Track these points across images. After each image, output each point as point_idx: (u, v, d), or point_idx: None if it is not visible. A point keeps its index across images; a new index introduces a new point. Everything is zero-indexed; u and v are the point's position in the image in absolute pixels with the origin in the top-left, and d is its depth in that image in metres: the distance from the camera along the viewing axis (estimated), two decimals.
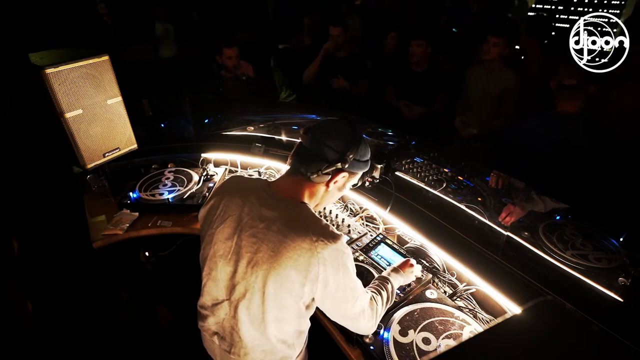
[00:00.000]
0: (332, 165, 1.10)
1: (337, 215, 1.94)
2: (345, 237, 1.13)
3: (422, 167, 2.03)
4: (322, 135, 1.11)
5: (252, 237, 1.08)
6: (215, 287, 1.15)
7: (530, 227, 1.56)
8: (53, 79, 1.75)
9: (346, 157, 1.10)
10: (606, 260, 1.38)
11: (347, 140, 1.11)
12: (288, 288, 1.05)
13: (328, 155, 1.10)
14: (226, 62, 3.18)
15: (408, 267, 1.49)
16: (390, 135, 2.41)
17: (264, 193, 1.15)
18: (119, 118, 2.06)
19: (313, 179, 1.11)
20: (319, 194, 1.18)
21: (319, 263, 1.02)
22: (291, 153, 1.17)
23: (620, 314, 1.22)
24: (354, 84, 3.39)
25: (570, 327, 0.57)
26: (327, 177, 1.13)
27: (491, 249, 1.52)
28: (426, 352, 1.25)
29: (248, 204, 1.13)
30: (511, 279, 1.40)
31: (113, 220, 2.01)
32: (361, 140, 1.14)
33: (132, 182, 2.25)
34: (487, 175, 1.97)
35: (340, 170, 1.13)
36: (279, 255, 1.03)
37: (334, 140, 1.10)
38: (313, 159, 1.10)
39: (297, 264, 1.02)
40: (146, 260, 2.37)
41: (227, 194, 1.19)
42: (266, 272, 1.05)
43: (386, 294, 1.31)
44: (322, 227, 1.07)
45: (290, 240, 1.03)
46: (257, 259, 1.06)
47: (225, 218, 1.14)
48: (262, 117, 2.85)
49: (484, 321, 1.40)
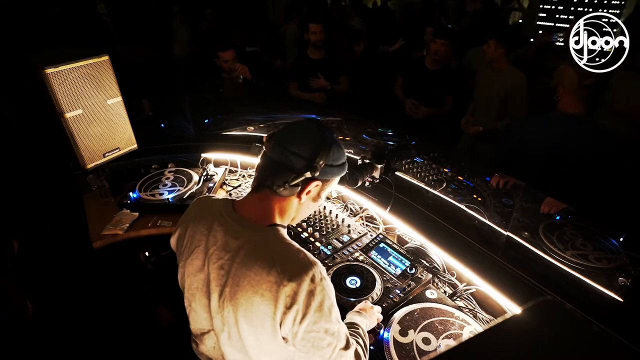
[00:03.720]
0: (301, 174, 0.97)
1: (337, 215, 1.94)
2: (321, 265, 0.96)
3: (422, 167, 2.03)
4: (286, 141, 0.97)
5: (219, 270, 0.97)
6: (198, 317, 1.07)
7: (530, 227, 1.57)
8: (53, 79, 1.75)
9: (315, 164, 0.97)
10: (606, 260, 1.38)
11: (315, 144, 0.97)
12: (260, 324, 0.93)
13: (295, 163, 0.96)
14: (222, 65, 3.20)
15: (369, 308, 1.32)
16: (390, 135, 2.42)
17: (228, 218, 1.02)
18: (119, 118, 2.06)
19: (281, 192, 0.98)
20: (292, 208, 1.05)
21: (286, 299, 0.89)
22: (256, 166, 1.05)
23: (620, 314, 1.22)
24: (334, 82, 3.40)
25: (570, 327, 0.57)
26: (297, 188, 1.00)
27: (491, 249, 1.52)
28: (426, 352, 1.25)
29: (212, 233, 1.01)
30: (511, 279, 1.40)
31: (113, 220, 2.01)
32: (332, 143, 1.01)
33: (132, 182, 2.25)
34: (487, 175, 1.97)
35: (311, 180, 0.99)
36: (245, 290, 0.92)
37: (300, 145, 0.96)
38: (278, 169, 0.97)
39: (263, 299, 0.90)
40: (146, 260, 2.37)
41: (191, 222, 1.08)
42: (235, 308, 0.94)
43: (362, 341, 1.15)
44: (291, 256, 0.94)
45: (254, 274, 0.91)
46: (226, 293, 0.95)
47: (192, 249, 1.03)
48: (262, 117, 2.85)
49: (484, 321, 1.40)
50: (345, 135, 2.47)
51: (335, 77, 3.42)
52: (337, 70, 3.44)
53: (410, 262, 1.61)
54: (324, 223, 1.89)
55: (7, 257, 2.21)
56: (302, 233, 1.84)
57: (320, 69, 3.39)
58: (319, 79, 3.38)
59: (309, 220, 1.92)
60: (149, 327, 2.46)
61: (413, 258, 1.63)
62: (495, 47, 2.77)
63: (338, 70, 3.44)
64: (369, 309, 1.33)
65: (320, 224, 1.88)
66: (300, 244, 1.74)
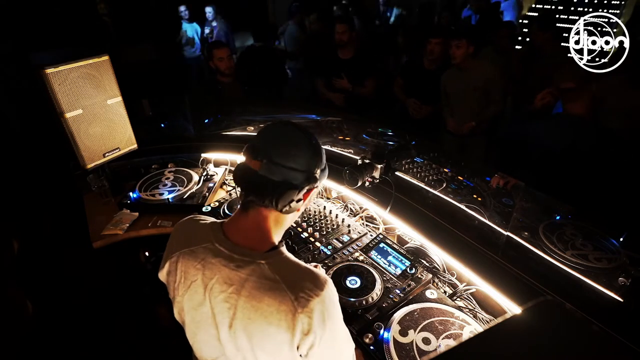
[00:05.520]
0: (302, 188, 0.94)
1: (337, 215, 1.94)
2: (330, 282, 0.95)
3: (422, 167, 2.03)
4: (280, 157, 0.90)
5: (224, 303, 0.92)
6: (205, 347, 1.02)
7: (530, 227, 1.56)
8: (53, 79, 1.75)
9: (314, 174, 0.95)
10: (606, 260, 1.38)
11: (308, 153, 0.94)
12: (277, 351, 0.91)
13: (294, 179, 0.92)
14: (218, 65, 3.04)
15: None
16: (390, 135, 2.42)
17: (222, 248, 0.95)
18: (119, 118, 2.06)
19: (285, 211, 0.94)
20: (289, 218, 1.02)
21: (303, 326, 0.86)
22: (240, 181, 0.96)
23: (620, 314, 1.22)
24: (359, 84, 3.37)
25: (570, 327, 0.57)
26: (300, 203, 0.96)
27: (491, 249, 1.52)
28: (426, 352, 1.25)
29: (208, 266, 0.94)
30: (511, 279, 1.40)
31: (113, 220, 2.01)
32: (319, 146, 0.98)
33: (132, 182, 2.25)
34: (487, 175, 1.97)
35: (311, 189, 0.98)
36: (258, 323, 0.88)
37: (296, 159, 0.92)
38: (278, 189, 0.91)
39: (279, 329, 0.87)
40: (146, 260, 2.37)
41: (181, 256, 1.00)
42: (249, 338, 0.91)
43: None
44: (302, 276, 0.91)
45: (267, 305, 0.87)
46: (236, 324, 0.91)
47: (189, 285, 0.97)
48: (262, 117, 2.86)
49: (484, 321, 1.40)
50: (345, 135, 2.47)
51: (360, 79, 3.38)
52: (364, 72, 3.39)
53: (410, 262, 1.61)
54: (324, 223, 1.89)
55: (7, 257, 2.21)
56: (302, 233, 1.84)
57: (346, 69, 3.36)
58: (343, 79, 3.37)
59: (309, 220, 1.92)
60: (149, 327, 2.46)
61: (413, 258, 1.63)
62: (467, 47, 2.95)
63: (364, 72, 3.39)
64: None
65: (320, 224, 1.88)
66: (300, 244, 1.77)
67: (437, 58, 3.18)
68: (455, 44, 2.95)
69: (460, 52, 2.95)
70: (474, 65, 3.04)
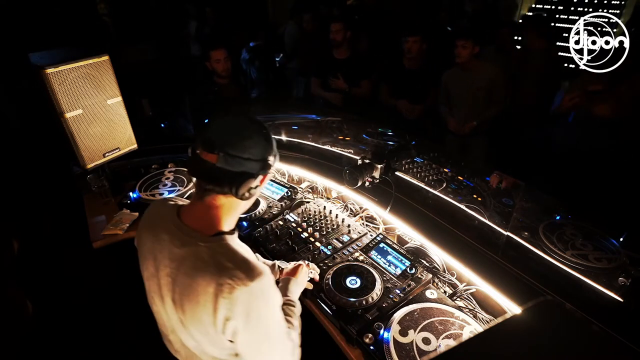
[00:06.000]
0: (259, 175, 1.01)
1: (337, 215, 1.94)
2: (266, 276, 0.96)
3: (422, 167, 2.03)
4: (237, 150, 0.95)
5: (168, 277, 1.00)
6: (160, 319, 1.13)
7: (530, 227, 1.56)
8: (53, 79, 1.75)
9: (268, 162, 1.02)
10: (606, 260, 1.38)
11: (262, 143, 1.00)
12: (206, 331, 0.97)
13: (251, 169, 0.98)
14: (215, 66, 2.94)
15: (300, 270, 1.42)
16: (390, 135, 2.42)
17: (173, 226, 1.03)
18: (119, 118, 2.06)
19: (244, 197, 1.01)
20: (242, 205, 1.07)
21: (224, 308, 0.91)
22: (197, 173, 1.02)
23: (620, 314, 1.22)
24: (354, 85, 3.37)
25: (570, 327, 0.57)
26: (258, 189, 1.04)
27: (491, 249, 1.52)
28: (426, 352, 1.25)
29: (159, 241, 1.03)
30: (511, 279, 1.40)
31: (113, 220, 2.01)
32: (270, 135, 1.04)
33: (132, 182, 2.25)
34: (487, 175, 1.97)
35: (266, 174, 1.05)
36: (189, 300, 0.95)
37: (251, 150, 0.97)
38: (236, 179, 0.97)
39: (205, 310, 0.93)
40: None
41: (143, 229, 1.12)
42: (184, 314, 0.98)
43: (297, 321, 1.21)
44: (235, 264, 0.94)
45: (197, 285, 0.93)
46: (176, 299, 0.99)
47: (146, 256, 1.07)
48: (262, 117, 2.85)
49: (484, 321, 1.40)
50: (345, 136, 2.47)
51: (356, 79, 3.37)
52: (360, 73, 3.38)
53: (410, 262, 1.61)
54: (324, 223, 1.89)
55: (7, 257, 2.21)
56: (302, 233, 1.84)
57: (342, 69, 3.35)
58: (339, 79, 3.36)
59: (309, 220, 1.92)
60: (149, 327, 2.46)
61: (413, 258, 1.63)
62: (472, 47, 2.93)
63: (360, 73, 3.38)
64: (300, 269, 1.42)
65: (320, 224, 1.88)
66: (300, 244, 1.77)
67: (415, 56, 3.17)
68: (461, 44, 2.92)
69: (466, 52, 2.93)
70: (478, 66, 3.03)
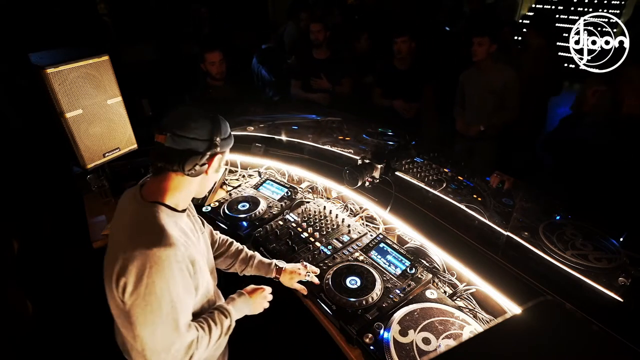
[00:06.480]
0: (205, 154, 1.10)
1: (337, 215, 1.94)
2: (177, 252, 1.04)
3: (422, 167, 2.03)
4: (182, 130, 1.07)
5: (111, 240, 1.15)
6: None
7: (530, 227, 1.56)
8: (53, 78, 1.75)
9: (215, 141, 1.11)
10: (606, 260, 1.38)
11: (208, 125, 1.10)
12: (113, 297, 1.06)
13: (197, 147, 1.09)
14: (209, 69, 2.94)
15: (259, 293, 1.40)
16: (390, 135, 2.42)
17: (132, 197, 1.15)
18: (119, 118, 2.06)
19: (191, 174, 1.11)
20: (195, 183, 1.17)
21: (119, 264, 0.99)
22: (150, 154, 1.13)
23: (620, 314, 1.22)
24: (336, 83, 3.38)
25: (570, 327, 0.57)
26: (205, 166, 1.13)
27: (491, 249, 1.52)
28: (426, 352, 1.25)
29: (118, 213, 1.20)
30: (511, 279, 1.40)
31: None
32: (219, 119, 1.15)
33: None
34: (487, 175, 1.97)
35: (215, 154, 1.13)
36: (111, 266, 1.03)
37: (197, 130, 1.08)
38: (184, 156, 1.08)
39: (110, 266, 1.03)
40: None
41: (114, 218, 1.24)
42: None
43: (218, 331, 1.19)
44: (148, 230, 1.04)
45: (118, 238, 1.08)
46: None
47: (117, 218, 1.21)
48: (262, 117, 2.85)
49: (484, 321, 1.40)
50: (345, 135, 2.47)
51: (338, 78, 3.38)
52: (340, 71, 3.39)
53: (410, 262, 1.61)
54: (324, 223, 1.89)
55: (7, 257, 2.21)
56: (302, 233, 1.84)
57: (323, 69, 3.35)
58: (321, 79, 3.37)
59: (309, 220, 1.92)
60: None
61: (413, 258, 1.63)
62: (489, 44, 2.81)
63: (341, 71, 3.40)
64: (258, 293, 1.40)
65: (320, 224, 1.88)
66: (300, 244, 1.77)
67: (405, 57, 3.16)
68: (477, 41, 2.81)
69: (482, 49, 2.81)
70: (493, 68, 2.92)
